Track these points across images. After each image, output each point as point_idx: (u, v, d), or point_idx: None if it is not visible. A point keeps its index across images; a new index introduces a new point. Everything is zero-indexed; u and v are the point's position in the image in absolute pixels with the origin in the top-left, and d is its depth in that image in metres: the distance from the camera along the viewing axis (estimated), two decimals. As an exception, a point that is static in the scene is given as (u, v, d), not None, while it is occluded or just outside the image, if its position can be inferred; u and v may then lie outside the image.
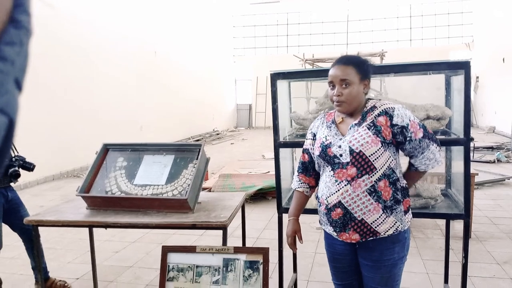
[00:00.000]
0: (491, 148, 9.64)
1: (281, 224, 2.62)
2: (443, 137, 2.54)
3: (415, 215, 3.01)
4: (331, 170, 1.78)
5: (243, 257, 1.94)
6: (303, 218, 1.98)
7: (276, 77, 2.50)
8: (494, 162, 8.18)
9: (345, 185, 1.73)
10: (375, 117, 1.74)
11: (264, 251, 1.93)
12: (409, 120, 1.72)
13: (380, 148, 1.71)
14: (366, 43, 18.16)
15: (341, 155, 1.75)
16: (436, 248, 3.85)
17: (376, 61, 11.86)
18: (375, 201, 1.72)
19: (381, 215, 1.73)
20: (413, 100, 2.62)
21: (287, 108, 2.87)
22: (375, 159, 1.72)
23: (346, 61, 1.78)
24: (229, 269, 1.93)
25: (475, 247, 3.82)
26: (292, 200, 2.06)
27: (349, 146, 1.73)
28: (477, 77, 15.40)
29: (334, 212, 1.77)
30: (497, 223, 4.55)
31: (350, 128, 1.78)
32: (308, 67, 12.82)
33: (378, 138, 1.71)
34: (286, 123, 2.81)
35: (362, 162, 1.72)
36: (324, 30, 18.85)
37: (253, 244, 4.01)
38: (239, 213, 2.63)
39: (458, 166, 2.62)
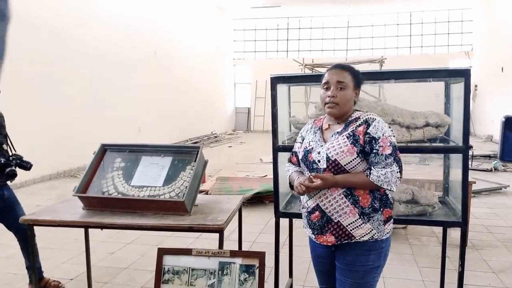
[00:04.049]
0: (488, 156, 9.67)
1: (278, 228, 2.61)
2: (442, 144, 2.54)
3: (413, 222, 3.02)
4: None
5: (239, 261, 1.92)
6: (299, 222, 1.98)
7: (276, 81, 2.50)
8: (491, 170, 8.21)
9: (322, 189, 1.76)
10: (356, 127, 1.77)
11: (260, 255, 1.92)
12: (382, 134, 1.73)
13: (355, 159, 1.73)
14: (366, 50, 18.22)
15: (319, 161, 1.79)
16: (432, 256, 3.85)
17: (375, 67, 11.92)
18: (351, 204, 1.74)
19: (357, 219, 1.74)
20: (412, 107, 2.62)
21: (286, 112, 2.87)
22: (351, 169, 1.74)
23: (343, 67, 1.86)
24: (224, 273, 1.92)
25: (471, 255, 3.82)
26: (293, 176, 1.96)
27: (326, 153, 1.76)
28: (476, 86, 15.46)
29: (314, 214, 1.82)
30: (493, 231, 4.55)
31: (332, 136, 1.82)
32: (308, 72, 12.85)
33: (355, 147, 1.73)
34: (285, 127, 2.81)
35: (338, 170, 1.75)
36: (324, 36, 18.92)
37: (249, 248, 4.00)
38: (236, 217, 2.62)
39: (456, 174, 2.63)
